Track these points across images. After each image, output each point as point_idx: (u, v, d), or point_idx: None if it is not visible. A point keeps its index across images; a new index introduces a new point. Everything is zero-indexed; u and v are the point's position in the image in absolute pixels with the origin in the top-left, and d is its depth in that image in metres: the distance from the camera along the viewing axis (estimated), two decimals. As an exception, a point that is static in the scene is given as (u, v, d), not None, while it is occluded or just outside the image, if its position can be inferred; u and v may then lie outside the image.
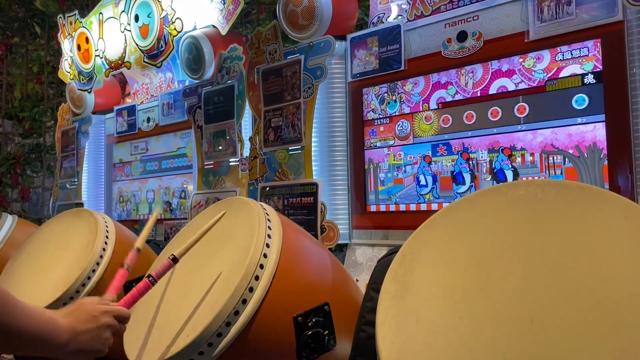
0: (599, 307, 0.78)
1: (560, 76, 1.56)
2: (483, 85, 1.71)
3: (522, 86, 1.63)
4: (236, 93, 2.36)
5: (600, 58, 1.50)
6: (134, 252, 1.30)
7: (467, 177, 1.74)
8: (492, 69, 1.70)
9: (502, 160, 1.67)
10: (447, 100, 1.79)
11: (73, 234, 1.74)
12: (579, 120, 1.52)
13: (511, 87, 1.66)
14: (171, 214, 2.78)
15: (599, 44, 1.50)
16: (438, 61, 1.81)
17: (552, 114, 1.57)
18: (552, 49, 1.58)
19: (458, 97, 1.77)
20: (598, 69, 1.50)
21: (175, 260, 1.16)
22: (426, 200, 1.84)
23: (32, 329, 0.90)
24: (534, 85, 1.61)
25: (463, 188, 1.75)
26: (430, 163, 1.83)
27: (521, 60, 1.64)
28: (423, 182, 1.84)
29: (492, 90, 1.69)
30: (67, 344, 0.95)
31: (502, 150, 1.67)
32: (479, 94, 1.72)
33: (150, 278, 1.14)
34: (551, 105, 1.58)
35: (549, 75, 1.58)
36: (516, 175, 1.64)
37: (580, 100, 1.53)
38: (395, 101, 1.92)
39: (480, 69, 1.72)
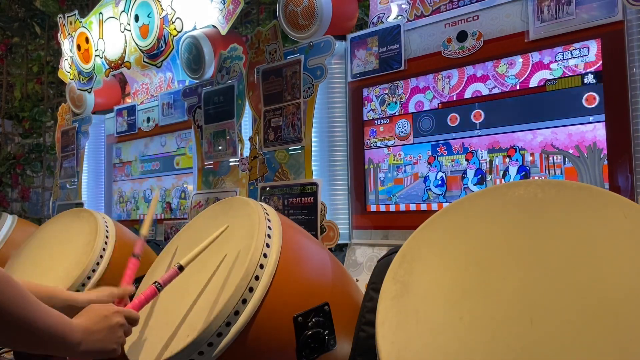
0: (599, 307, 0.78)
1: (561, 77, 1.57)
2: (459, 90, 1.71)
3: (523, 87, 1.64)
4: (236, 93, 2.36)
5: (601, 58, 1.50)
6: (141, 241, 1.40)
7: (473, 177, 1.74)
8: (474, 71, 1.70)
9: (512, 160, 1.67)
10: (442, 101, 1.80)
11: (73, 234, 1.74)
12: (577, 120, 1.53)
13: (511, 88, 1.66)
14: (171, 214, 2.78)
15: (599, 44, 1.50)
16: (438, 61, 1.81)
17: (553, 114, 1.57)
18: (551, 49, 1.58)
19: (441, 100, 1.77)
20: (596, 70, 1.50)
21: (181, 269, 1.18)
22: (431, 199, 1.84)
23: (49, 327, 0.91)
24: (535, 85, 1.61)
25: (469, 188, 1.75)
26: (432, 163, 1.83)
27: (521, 60, 1.64)
28: (436, 182, 1.84)
29: (467, 93, 1.70)
30: (80, 343, 0.96)
31: (519, 149, 1.67)
32: (454, 98, 1.73)
33: (157, 285, 1.16)
34: (552, 105, 1.58)
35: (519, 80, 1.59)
36: (526, 176, 1.64)
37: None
38: (396, 102, 1.92)
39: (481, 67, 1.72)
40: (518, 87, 1.64)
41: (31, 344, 0.93)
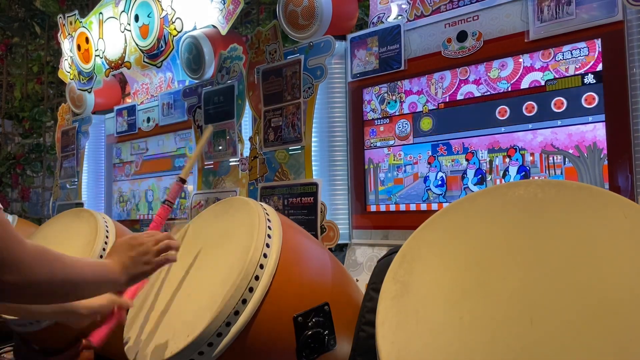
0: (599, 307, 0.78)
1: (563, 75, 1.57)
2: (451, 91, 1.72)
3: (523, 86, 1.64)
4: (236, 93, 2.36)
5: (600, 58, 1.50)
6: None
7: (472, 177, 1.74)
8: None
9: (513, 160, 1.67)
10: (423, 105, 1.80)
11: (73, 234, 1.75)
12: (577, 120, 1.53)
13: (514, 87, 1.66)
14: (171, 213, 2.77)
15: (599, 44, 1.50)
16: (438, 61, 1.81)
17: (553, 114, 1.58)
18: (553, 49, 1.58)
19: (432, 103, 1.77)
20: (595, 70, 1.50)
21: (182, 181, 1.27)
22: (429, 199, 1.84)
23: (91, 276, 1.02)
24: (535, 85, 1.61)
25: (469, 188, 1.75)
26: (434, 162, 1.83)
27: (520, 60, 1.64)
28: (437, 182, 1.84)
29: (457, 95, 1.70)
30: (121, 276, 1.08)
31: (508, 150, 1.67)
32: (447, 100, 1.73)
33: (167, 202, 1.24)
34: (552, 105, 1.58)
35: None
36: (526, 176, 1.64)
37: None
38: (396, 101, 1.93)
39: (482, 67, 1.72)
40: (518, 87, 1.64)
41: (88, 294, 1.07)
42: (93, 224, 1.72)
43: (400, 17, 1.95)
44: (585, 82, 1.52)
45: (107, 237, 1.69)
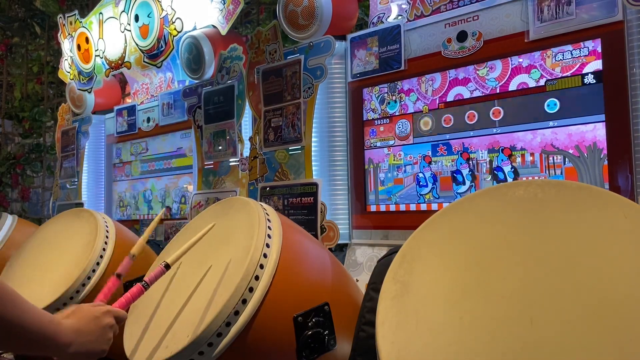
0: (599, 307, 0.78)
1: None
2: (442, 93, 1.72)
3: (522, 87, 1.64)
4: (236, 93, 2.36)
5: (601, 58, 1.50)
6: (128, 260, 1.34)
7: (467, 177, 1.74)
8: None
9: (502, 160, 1.67)
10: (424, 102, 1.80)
11: (73, 234, 1.75)
12: (551, 123, 1.54)
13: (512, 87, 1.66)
14: (170, 216, 2.78)
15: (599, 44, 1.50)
16: (438, 61, 1.81)
17: (553, 114, 1.58)
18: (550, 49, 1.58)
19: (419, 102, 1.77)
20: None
21: (167, 267, 1.20)
22: (426, 200, 1.84)
23: (37, 328, 0.90)
24: (535, 85, 1.61)
25: (463, 188, 1.75)
26: (430, 163, 1.83)
27: (519, 60, 1.64)
28: (423, 182, 1.84)
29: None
30: (70, 344, 0.95)
31: (502, 150, 1.67)
32: (437, 101, 1.73)
33: (144, 283, 1.16)
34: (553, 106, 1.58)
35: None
36: (517, 175, 1.64)
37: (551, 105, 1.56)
38: (396, 101, 1.93)
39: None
40: (517, 87, 1.64)
41: (21, 346, 0.92)
42: (93, 224, 1.72)
43: (400, 17, 1.95)
44: (585, 82, 1.52)
45: (107, 237, 1.69)
